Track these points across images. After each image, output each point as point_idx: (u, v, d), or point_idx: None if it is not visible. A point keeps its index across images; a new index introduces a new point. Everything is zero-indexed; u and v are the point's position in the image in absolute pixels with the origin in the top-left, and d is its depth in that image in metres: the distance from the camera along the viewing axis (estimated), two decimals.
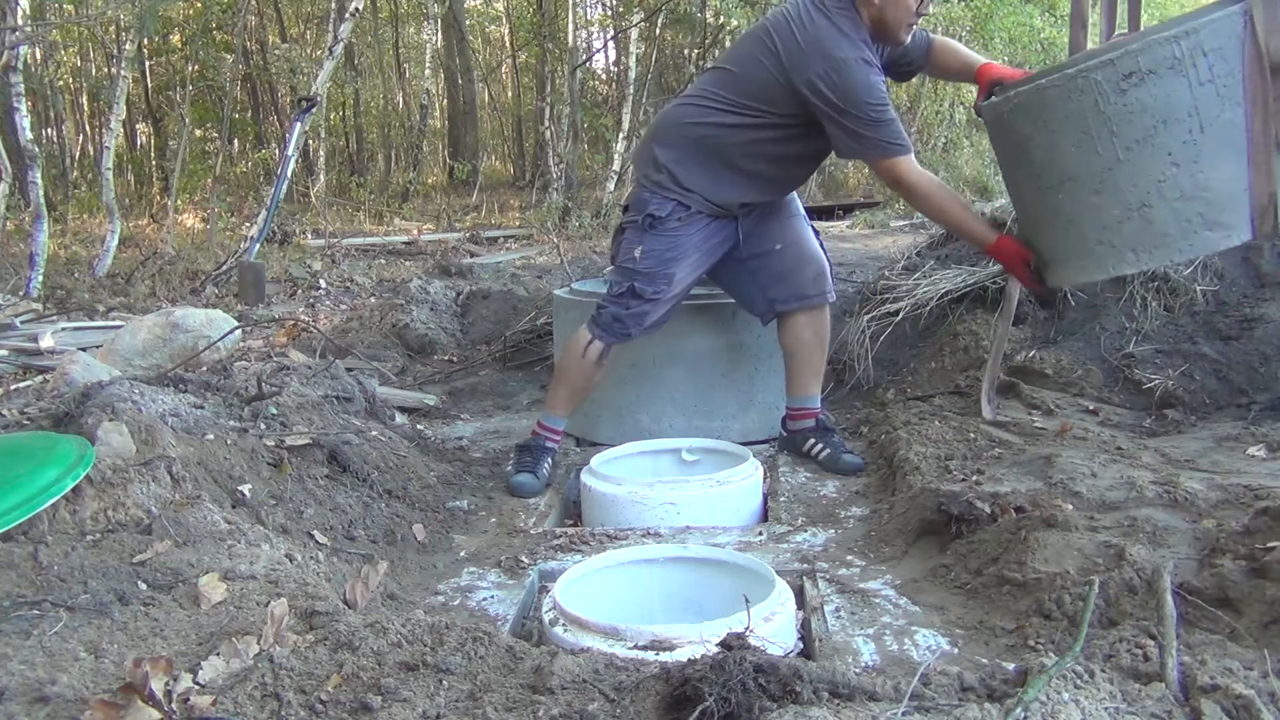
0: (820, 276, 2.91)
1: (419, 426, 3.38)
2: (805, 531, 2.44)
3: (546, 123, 14.52)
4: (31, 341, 4.48)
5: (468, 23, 17.79)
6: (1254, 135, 2.08)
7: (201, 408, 2.54)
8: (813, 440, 2.99)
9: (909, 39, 2.65)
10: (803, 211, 2.99)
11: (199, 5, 12.46)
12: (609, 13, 17.93)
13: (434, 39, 15.49)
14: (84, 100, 15.73)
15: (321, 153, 13.22)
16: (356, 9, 8.18)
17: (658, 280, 2.73)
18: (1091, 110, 2.19)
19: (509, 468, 2.91)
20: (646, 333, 2.85)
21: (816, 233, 3.00)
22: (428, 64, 15.33)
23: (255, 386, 2.83)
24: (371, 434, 2.76)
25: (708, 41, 10.23)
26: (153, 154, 15.00)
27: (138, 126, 16.08)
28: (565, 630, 1.76)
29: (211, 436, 2.34)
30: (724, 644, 1.29)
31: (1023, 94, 2.33)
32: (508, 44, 20.24)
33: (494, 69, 20.90)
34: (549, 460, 2.89)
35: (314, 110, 8.08)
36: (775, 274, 2.89)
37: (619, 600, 2.04)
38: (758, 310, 2.98)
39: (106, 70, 13.96)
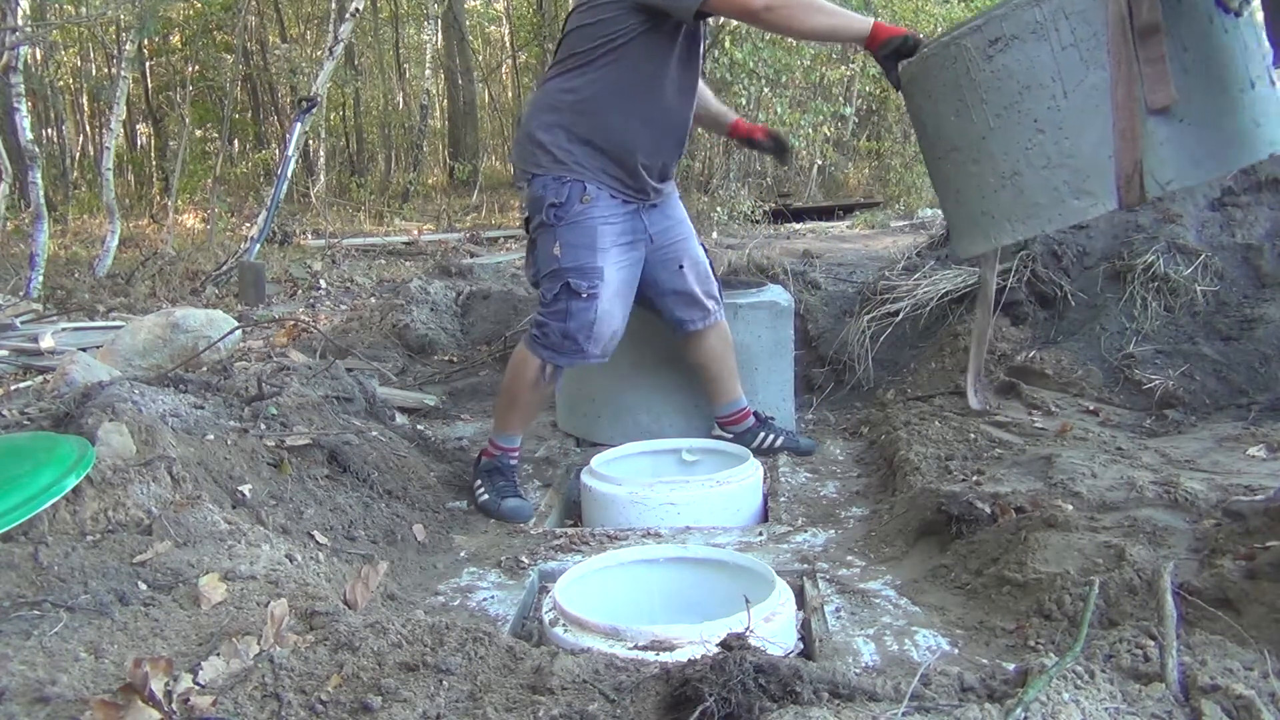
0: (714, 295, 2.99)
1: (419, 426, 3.38)
2: (805, 532, 2.44)
3: None
4: (32, 342, 4.48)
5: (468, 23, 17.79)
6: (1118, 101, 2.00)
7: (202, 408, 2.54)
8: (762, 434, 3.03)
9: None
10: (694, 231, 3.02)
11: (199, 5, 12.46)
12: None
13: (434, 39, 15.48)
14: (84, 100, 15.73)
15: (321, 153, 13.22)
16: (357, 9, 8.18)
17: (589, 274, 2.60)
18: (964, 78, 2.16)
19: (483, 495, 2.69)
20: (602, 351, 2.69)
21: (706, 249, 3.05)
22: (428, 64, 15.31)
23: (255, 387, 2.83)
24: (371, 434, 2.76)
25: (707, 42, 10.23)
26: (153, 154, 15.00)
27: (138, 127, 16.09)
28: (565, 630, 1.76)
29: (212, 437, 2.34)
30: (724, 644, 1.29)
31: (912, 64, 2.31)
32: (508, 44, 20.24)
33: (494, 69, 20.89)
34: (516, 476, 2.79)
35: (314, 110, 8.08)
36: (681, 296, 2.91)
37: (619, 600, 2.04)
38: (670, 328, 2.99)
39: (106, 70, 13.97)
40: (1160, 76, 1.96)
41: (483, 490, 2.70)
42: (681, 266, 2.89)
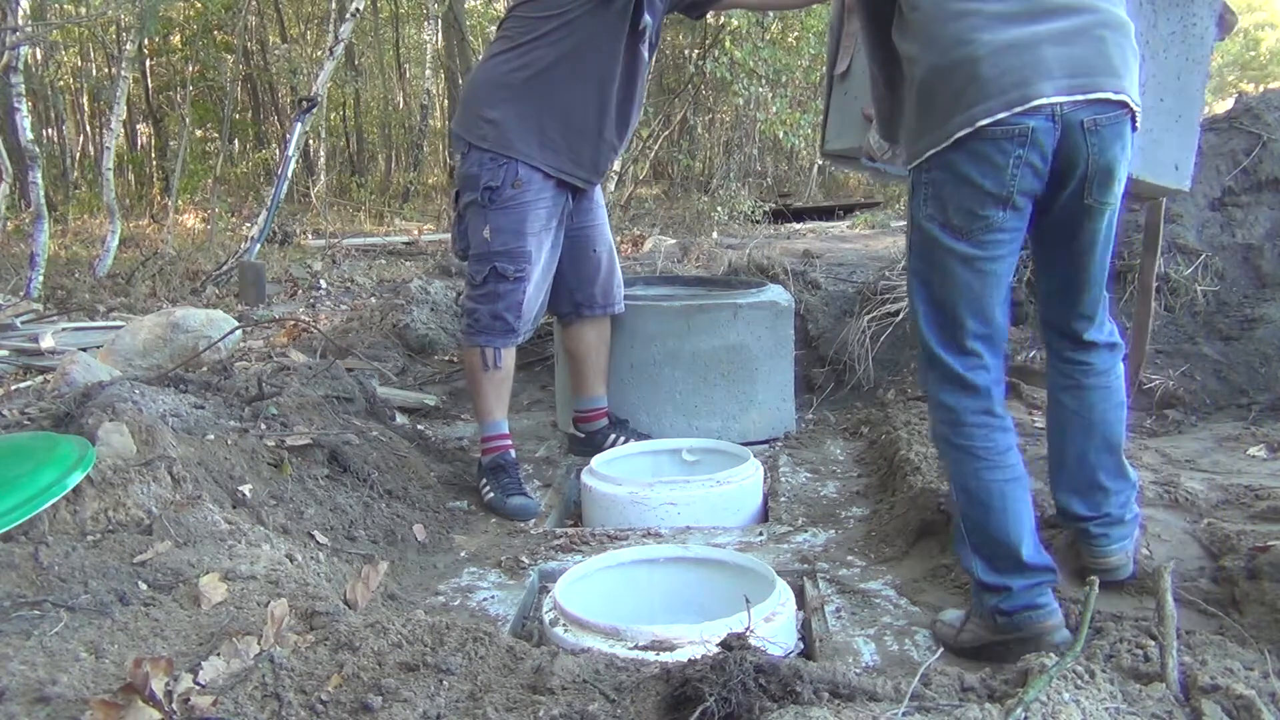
0: (619, 286, 3.05)
1: (419, 426, 3.38)
2: (805, 532, 2.44)
3: None
4: (32, 342, 4.48)
5: (468, 23, 17.79)
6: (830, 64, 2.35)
7: (202, 408, 2.55)
8: (614, 435, 3.08)
9: None
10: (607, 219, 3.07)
11: (199, 5, 12.46)
12: None
13: (434, 39, 15.48)
14: (84, 100, 15.71)
15: (322, 153, 13.21)
16: (357, 9, 8.18)
17: (518, 257, 2.65)
18: None
19: (489, 493, 2.71)
20: (530, 329, 2.77)
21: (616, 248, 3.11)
22: (428, 64, 15.32)
23: (256, 387, 2.83)
24: (372, 434, 2.76)
25: (708, 42, 10.22)
26: (153, 154, 14.99)
27: (138, 127, 16.07)
28: (566, 630, 1.76)
29: (212, 437, 2.34)
30: (724, 644, 1.29)
31: None
32: None
33: None
34: (519, 472, 2.82)
35: (314, 110, 8.06)
36: (587, 278, 2.96)
37: (619, 600, 2.04)
38: (562, 310, 3.01)
39: (107, 70, 13.97)
40: (848, 48, 2.25)
41: (489, 489, 2.74)
42: (595, 250, 2.94)
